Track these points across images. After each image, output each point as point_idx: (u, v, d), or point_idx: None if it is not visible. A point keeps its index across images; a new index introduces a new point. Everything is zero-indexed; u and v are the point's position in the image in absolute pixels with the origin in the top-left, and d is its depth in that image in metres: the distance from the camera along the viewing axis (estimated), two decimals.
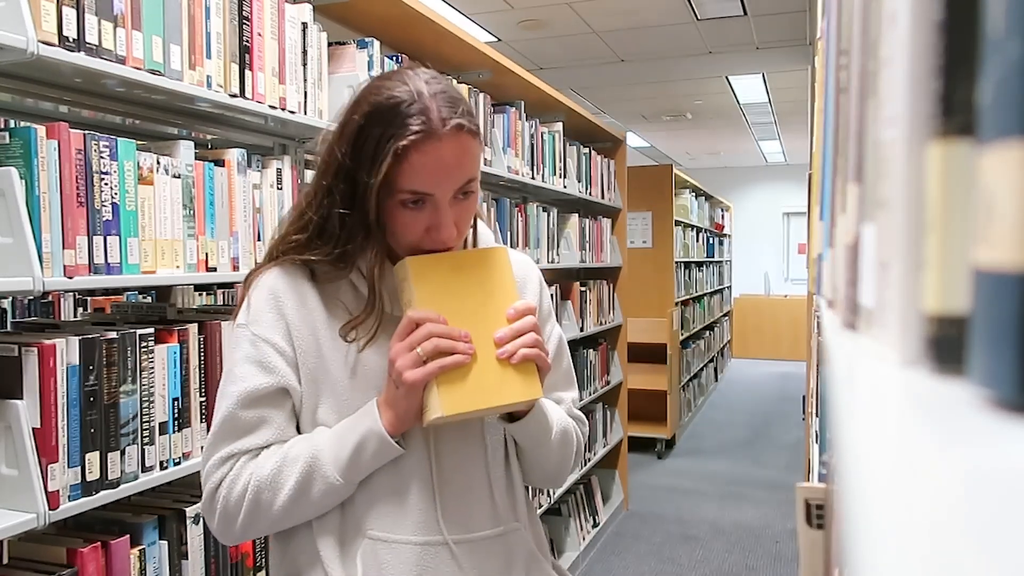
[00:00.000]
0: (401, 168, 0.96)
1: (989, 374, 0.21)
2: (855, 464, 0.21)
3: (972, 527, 0.15)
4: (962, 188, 0.24)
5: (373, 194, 0.97)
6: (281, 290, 1.05)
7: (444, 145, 0.97)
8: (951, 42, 0.24)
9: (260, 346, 1.03)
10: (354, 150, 0.99)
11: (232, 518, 1.02)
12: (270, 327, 1.03)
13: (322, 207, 1.03)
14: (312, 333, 1.04)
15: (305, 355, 1.04)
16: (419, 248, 1.03)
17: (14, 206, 1.19)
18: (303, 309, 1.04)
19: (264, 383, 1.02)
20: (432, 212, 1.00)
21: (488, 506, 1.08)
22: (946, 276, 0.24)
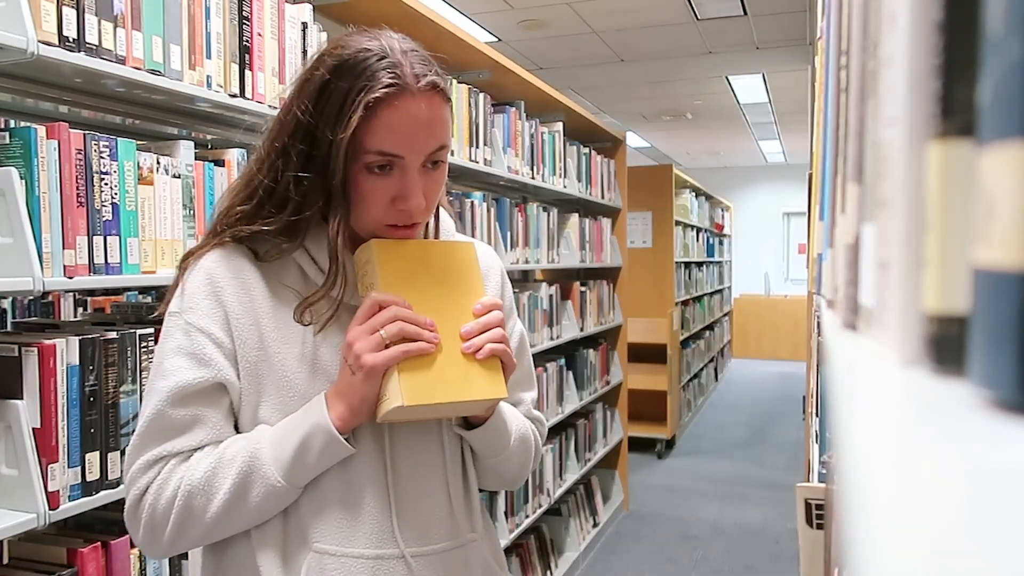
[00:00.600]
0: (370, 125, 0.88)
1: (989, 374, 0.21)
2: (855, 464, 0.21)
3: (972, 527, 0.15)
4: (962, 188, 0.24)
5: (340, 151, 0.88)
6: (220, 275, 0.94)
7: (418, 103, 0.89)
8: (951, 42, 0.24)
9: (194, 336, 0.92)
10: (317, 105, 0.90)
11: (159, 528, 0.91)
12: (206, 315, 0.93)
13: (275, 170, 0.93)
14: (254, 323, 0.94)
15: (245, 347, 0.94)
16: (382, 223, 0.94)
17: (14, 206, 1.19)
18: (244, 296, 0.94)
19: (198, 377, 0.91)
20: (400, 179, 0.91)
21: (446, 516, 1.00)
22: (946, 276, 0.24)
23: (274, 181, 0.93)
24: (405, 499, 0.96)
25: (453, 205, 2.47)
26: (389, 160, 0.90)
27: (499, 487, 1.16)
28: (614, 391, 4.34)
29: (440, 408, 0.93)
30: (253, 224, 0.94)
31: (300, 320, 0.94)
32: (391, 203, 0.92)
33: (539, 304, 3.20)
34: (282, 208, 0.93)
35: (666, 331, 5.68)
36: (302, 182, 0.91)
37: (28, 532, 1.22)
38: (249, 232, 0.95)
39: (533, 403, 1.17)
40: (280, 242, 0.95)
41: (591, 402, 3.91)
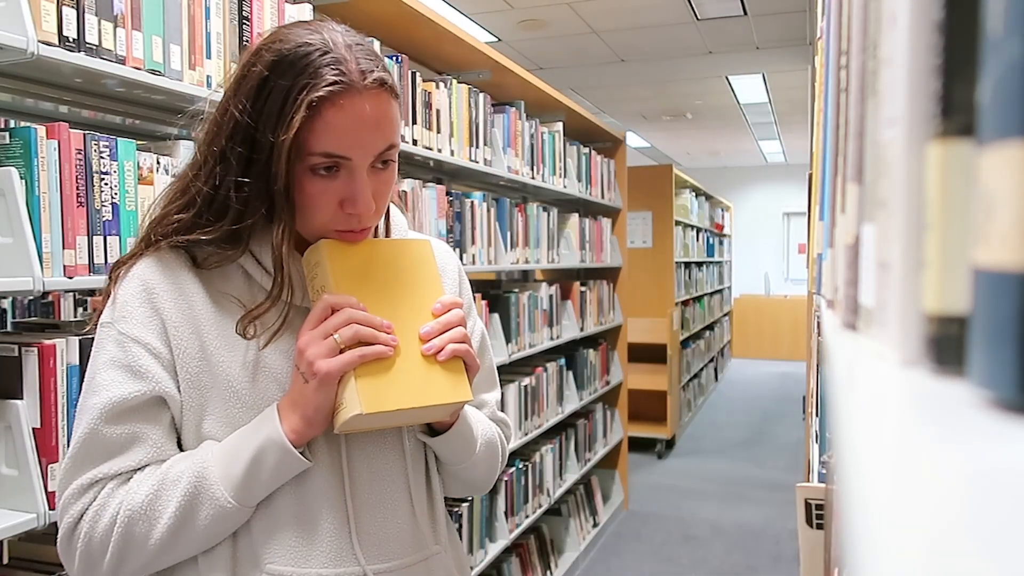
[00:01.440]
0: (314, 125, 0.82)
1: (989, 374, 0.21)
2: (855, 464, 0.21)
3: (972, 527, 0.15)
4: (962, 188, 0.24)
5: (283, 154, 0.82)
6: (155, 281, 0.88)
7: (364, 101, 0.83)
8: (951, 42, 0.24)
9: (129, 347, 0.86)
10: (255, 105, 0.83)
11: (97, 558, 0.84)
12: (141, 324, 0.86)
13: (213, 176, 0.86)
14: (195, 331, 0.88)
15: (185, 357, 0.87)
16: (330, 228, 0.89)
17: (14, 206, 1.19)
18: (182, 303, 0.88)
19: (134, 391, 0.84)
20: (347, 181, 0.85)
21: (410, 528, 0.95)
22: (946, 276, 0.24)
23: (213, 188, 0.87)
24: (365, 512, 0.91)
25: (452, 205, 2.47)
26: (335, 162, 0.85)
27: (466, 494, 1.12)
28: (614, 391, 4.34)
29: (402, 415, 0.87)
30: (191, 234, 0.88)
31: (243, 334, 0.87)
32: (339, 207, 0.87)
33: (539, 304, 3.20)
34: (222, 216, 0.87)
35: (666, 331, 5.68)
36: (243, 188, 0.85)
37: (28, 532, 1.22)
38: (186, 242, 0.89)
39: (497, 404, 1.13)
40: (224, 249, 0.89)
41: (591, 402, 3.91)
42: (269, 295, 0.88)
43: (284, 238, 0.86)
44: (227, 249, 0.89)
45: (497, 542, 2.75)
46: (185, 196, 0.89)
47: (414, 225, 2.24)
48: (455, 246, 2.49)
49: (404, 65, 2.18)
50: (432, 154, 2.32)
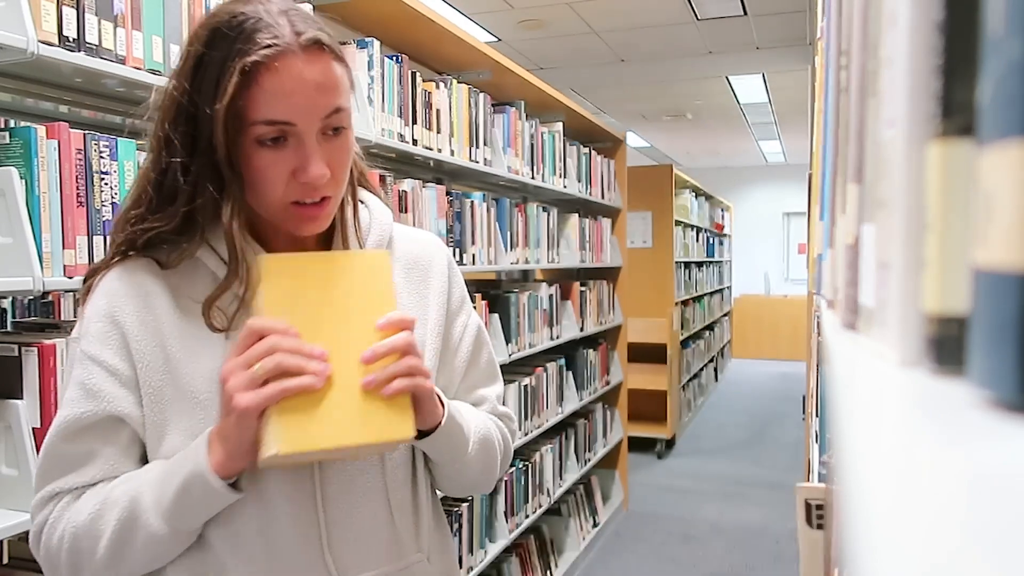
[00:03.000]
0: (251, 93, 0.79)
1: (989, 374, 0.21)
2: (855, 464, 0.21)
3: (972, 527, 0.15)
4: (962, 188, 0.24)
5: (219, 123, 0.79)
6: (118, 294, 0.87)
7: (301, 63, 0.80)
8: (951, 42, 0.24)
9: (87, 366, 0.86)
10: (193, 82, 0.81)
11: (55, 567, 0.86)
12: (99, 342, 0.86)
13: (160, 162, 0.84)
14: (158, 343, 0.86)
15: (148, 370, 0.86)
16: (285, 201, 0.84)
17: (14, 206, 1.19)
18: (146, 314, 0.86)
19: (86, 411, 0.84)
20: (297, 149, 0.82)
21: (388, 537, 0.92)
22: (946, 276, 0.24)
23: (160, 174, 0.84)
24: (338, 520, 0.88)
25: (452, 205, 2.47)
26: (281, 130, 0.81)
27: (464, 493, 1.08)
28: (614, 391, 4.34)
29: (331, 453, 0.81)
30: (145, 224, 0.86)
31: (211, 324, 0.85)
32: (291, 177, 0.83)
33: (539, 304, 3.20)
34: (172, 201, 0.84)
35: (666, 331, 5.68)
36: (189, 168, 0.83)
37: (28, 532, 1.22)
38: (144, 236, 0.87)
39: (499, 399, 1.08)
40: (180, 242, 0.87)
41: (591, 402, 3.91)
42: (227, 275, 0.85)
43: (234, 215, 0.83)
44: (183, 240, 0.87)
45: (497, 542, 2.75)
46: (138, 189, 0.88)
47: (413, 225, 2.24)
48: (455, 246, 2.49)
49: (404, 65, 2.18)
50: (432, 154, 2.32)
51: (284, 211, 0.85)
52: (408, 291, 1.00)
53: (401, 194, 2.19)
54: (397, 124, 2.15)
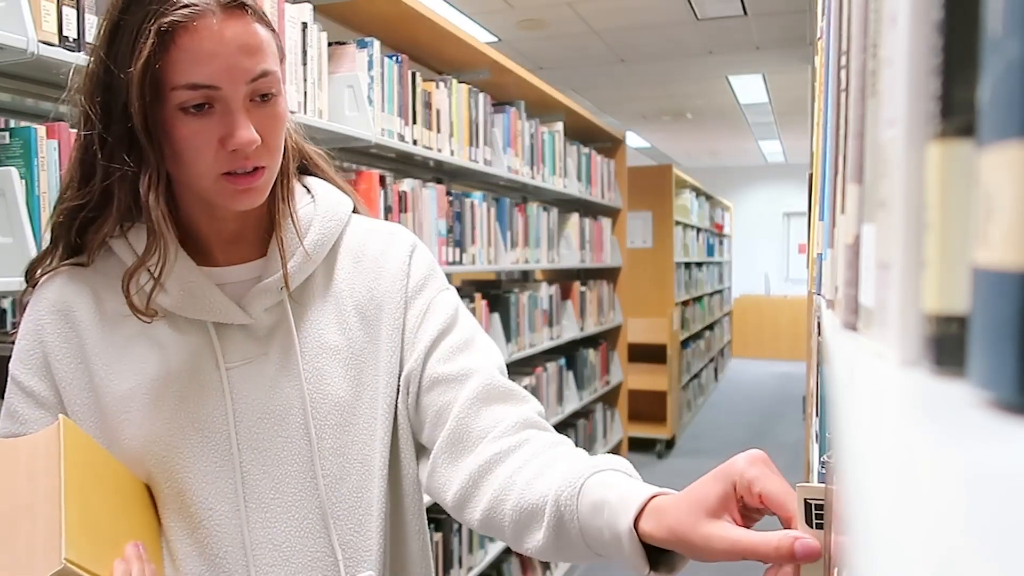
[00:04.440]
0: (170, 56, 0.74)
1: (989, 375, 0.21)
2: (855, 464, 0.21)
3: (972, 528, 0.15)
4: (962, 188, 0.24)
5: (135, 86, 0.74)
6: (43, 311, 0.87)
7: (221, 24, 0.76)
8: (951, 42, 0.24)
9: (10, 385, 0.86)
10: (109, 52, 0.77)
11: None
12: (21, 361, 0.86)
13: (79, 139, 0.81)
14: (81, 360, 0.85)
15: (71, 390, 0.84)
16: (216, 173, 0.79)
17: (14, 206, 1.19)
18: (68, 331, 0.85)
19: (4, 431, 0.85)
20: (223, 116, 0.77)
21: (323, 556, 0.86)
22: (946, 276, 0.24)
23: (82, 151, 0.81)
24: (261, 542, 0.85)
25: (452, 205, 2.47)
26: (205, 95, 0.76)
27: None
28: (614, 391, 4.33)
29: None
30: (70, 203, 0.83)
31: (132, 303, 0.81)
32: (219, 146, 0.78)
33: (539, 304, 3.20)
34: (91, 177, 0.81)
35: (666, 331, 5.68)
36: (106, 140, 0.78)
37: None
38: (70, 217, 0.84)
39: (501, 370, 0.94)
40: (99, 227, 0.83)
41: (591, 402, 3.91)
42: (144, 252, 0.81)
43: (151, 185, 0.78)
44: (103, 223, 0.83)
45: (497, 542, 2.75)
46: (68, 175, 0.85)
47: (413, 225, 2.24)
48: (455, 246, 2.49)
49: (404, 65, 2.18)
50: (432, 154, 2.32)
51: (215, 184, 0.80)
52: (354, 288, 0.93)
53: (401, 194, 2.19)
54: (397, 124, 2.15)
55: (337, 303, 0.92)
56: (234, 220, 0.89)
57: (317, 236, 0.91)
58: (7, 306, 2.60)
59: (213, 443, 0.84)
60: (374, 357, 0.91)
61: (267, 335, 0.88)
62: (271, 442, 0.86)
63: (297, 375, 0.87)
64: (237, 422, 0.85)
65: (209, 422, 0.85)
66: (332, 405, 0.88)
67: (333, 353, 0.89)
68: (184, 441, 0.84)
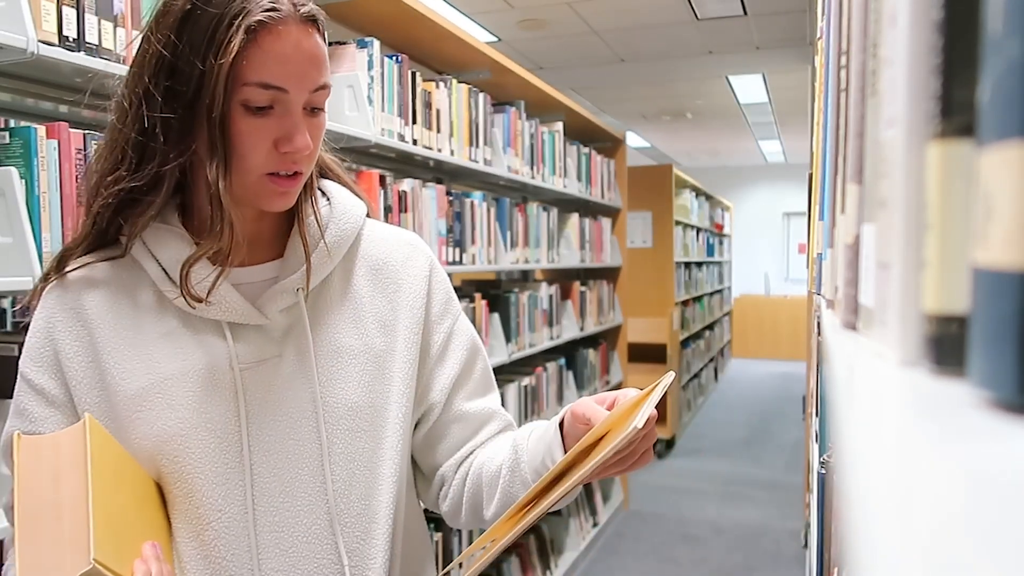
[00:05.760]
0: (249, 53, 0.76)
1: (989, 374, 0.21)
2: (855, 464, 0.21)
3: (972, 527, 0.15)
4: (962, 188, 0.24)
5: (220, 79, 0.76)
6: (55, 309, 0.86)
7: (299, 33, 0.79)
8: (951, 42, 0.24)
9: (20, 383, 0.86)
10: (179, 36, 0.77)
11: None
12: (32, 359, 0.86)
13: (140, 119, 0.80)
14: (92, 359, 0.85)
15: (81, 389, 0.84)
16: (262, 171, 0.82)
17: (14, 206, 1.19)
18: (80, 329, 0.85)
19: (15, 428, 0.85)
20: (282, 118, 0.80)
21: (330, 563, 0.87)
22: (946, 276, 0.24)
23: (141, 132, 0.80)
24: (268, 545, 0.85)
25: (452, 205, 2.47)
26: (272, 96, 0.79)
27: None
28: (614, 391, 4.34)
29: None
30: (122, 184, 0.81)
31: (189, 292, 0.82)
32: (274, 147, 0.81)
33: (539, 304, 3.20)
34: (151, 160, 0.80)
35: (666, 331, 5.68)
36: (170, 122, 0.79)
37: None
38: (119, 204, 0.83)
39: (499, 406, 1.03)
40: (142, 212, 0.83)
41: None
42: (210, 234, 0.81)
43: (220, 173, 0.79)
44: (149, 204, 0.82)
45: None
46: (114, 151, 0.83)
47: (414, 225, 2.24)
48: (455, 246, 2.49)
49: (404, 65, 2.18)
50: (432, 154, 2.32)
51: (258, 182, 0.82)
52: (373, 296, 0.94)
53: (401, 194, 2.19)
54: (397, 124, 2.15)
55: (355, 307, 0.93)
56: (254, 220, 0.90)
57: (334, 237, 0.92)
58: (7, 306, 2.60)
59: (224, 444, 0.84)
60: (390, 364, 0.92)
61: (282, 336, 0.88)
62: (282, 444, 0.86)
63: (311, 377, 0.88)
64: (249, 424, 0.85)
65: (221, 423, 0.85)
66: (345, 409, 0.89)
67: (349, 356, 0.90)
68: (196, 441, 0.84)
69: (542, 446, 0.90)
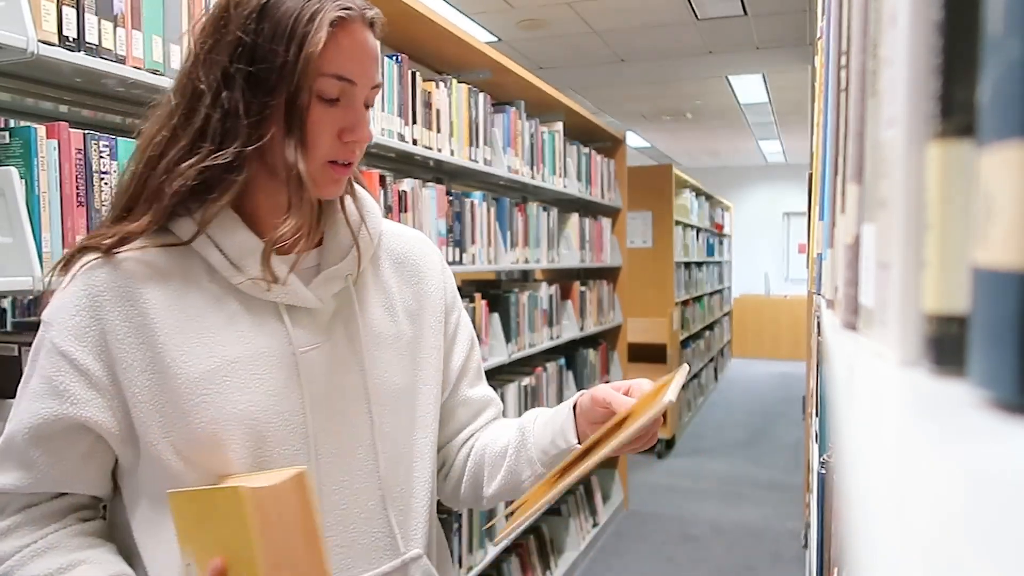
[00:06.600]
0: (328, 46, 0.82)
1: (989, 374, 0.21)
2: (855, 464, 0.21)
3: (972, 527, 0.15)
4: (962, 188, 0.24)
5: (310, 68, 0.80)
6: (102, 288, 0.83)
7: (365, 32, 0.86)
8: (951, 42, 0.24)
9: (55, 360, 0.82)
10: (259, 26, 0.81)
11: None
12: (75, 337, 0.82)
13: (221, 103, 0.82)
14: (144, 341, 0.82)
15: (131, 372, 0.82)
16: (325, 159, 0.86)
17: (14, 206, 1.19)
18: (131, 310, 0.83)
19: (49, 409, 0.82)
20: (347, 110, 0.86)
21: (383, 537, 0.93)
22: (946, 276, 0.24)
23: (223, 114, 0.82)
24: (331, 524, 0.89)
25: (452, 205, 2.47)
26: (342, 88, 0.84)
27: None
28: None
29: None
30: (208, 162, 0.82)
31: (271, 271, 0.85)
32: (338, 136, 0.86)
33: (539, 304, 3.20)
34: (234, 139, 0.82)
35: (666, 331, 5.68)
36: (251, 106, 0.81)
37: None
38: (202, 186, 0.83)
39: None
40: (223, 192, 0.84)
41: None
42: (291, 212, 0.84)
43: (299, 155, 0.83)
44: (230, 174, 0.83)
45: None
46: (185, 132, 0.83)
47: (413, 225, 2.24)
48: (455, 246, 2.49)
49: (404, 65, 2.18)
50: (432, 154, 2.32)
51: (321, 169, 0.86)
52: (400, 286, 1.01)
53: (401, 194, 2.19)
54: (397, 124, 2.15)
55: (385, 296, 0.99)
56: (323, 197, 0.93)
57: (372, 226, 0.98)
58: (7, 306, 2.60)
59: (291, 425, 0.87)
60: (418, 351, 1.00)
61: (329, 321, 0.92)
62: (339, 425, 0.91)
63: (360, 361, 0.93)
64: (311, 405, 0.88)
65: (287, 405, 0.87)
66: (388, 392, 0.95)
67: (387, 342, 0.96)
68: (266, 424, 0.85)
69: (549, 429, 0.99)
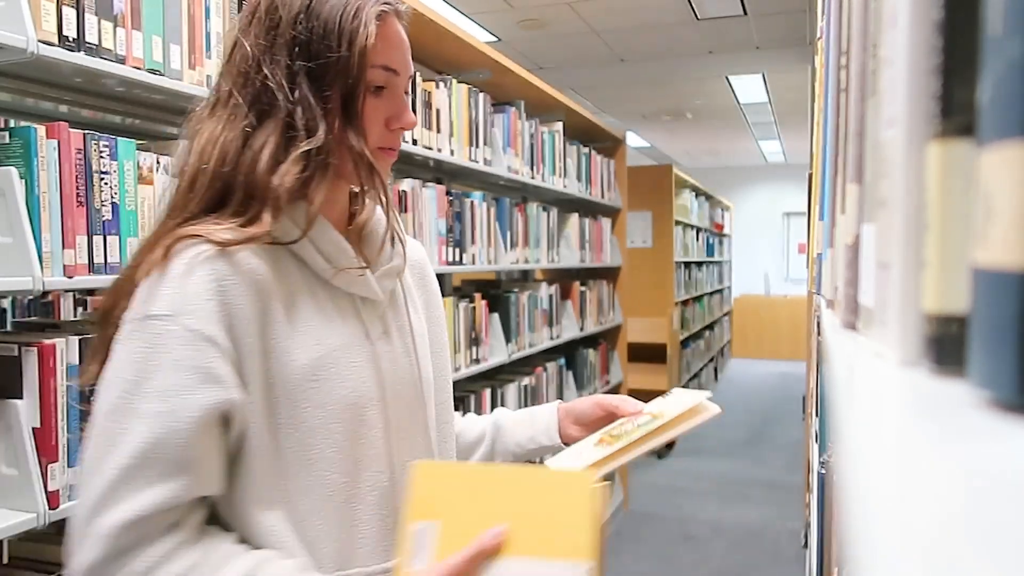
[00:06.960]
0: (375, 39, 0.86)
1: (989, 374, 0.21)
2: (855, 464, 0.21)
3: (972, 527, 0.15)
4: (962, 188, 0.24)
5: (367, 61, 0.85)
6: (228, 274, 0.80)
7: (400, 25, 0.92)
8: (951, 42, 0.24)
9: (200, 347, 0.77)
10: (309, 23, 0.84)
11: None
12: (213, 322, 0.78)
13: (290, 99, 0.84)
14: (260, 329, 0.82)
15: (250, 356, 0.81)
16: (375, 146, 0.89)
17: (14, 206, 1.19)
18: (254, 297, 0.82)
19: (211, 399, 0.77)
20: (392, 99, 0.90)
21: None
22: (946, 276, 0.24)
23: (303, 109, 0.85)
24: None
25: (452, 205, 2.47)
26: (388, 78, 0.89)
27: None
28: (614, 391, 4.33)
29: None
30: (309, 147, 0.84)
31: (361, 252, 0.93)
32: (385, 125, 0.91)
33: (539, 304, 3.20)
34: (316, 128, 0.84)
35: (666, 331, 5.68)
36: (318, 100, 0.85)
37: (28, 532, 1.22)
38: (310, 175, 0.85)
39: None
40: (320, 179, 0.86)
41: None
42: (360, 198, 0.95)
43: (361, 141, 0.87)
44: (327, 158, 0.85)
45: None
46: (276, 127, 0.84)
47: (414, 225, 2.24)
48: (455, 246, 2.49)
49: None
50: (432, 154, 2.32)
51: (374, 156, 0.90)
52: (415, 286, 1.07)
53: (401, 194, 2.19)
54: None
55: (411, 295, 1.05)
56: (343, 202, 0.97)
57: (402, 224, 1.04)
58: (7, 306, 2.60)
59: (374, 411, 0.91)
60: (435, 346, 1.06)
61: (382, 314, 0.96)
62: (404, 413, 0.95)
63: (410, 351, 0.99)
64: (390, 392, 0.93)
65: (374, 390, 0.91)
66: (427, 382, 1.01)
67: (419, 336, 1.02)
68: (363, 409, 0.89)
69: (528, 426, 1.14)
